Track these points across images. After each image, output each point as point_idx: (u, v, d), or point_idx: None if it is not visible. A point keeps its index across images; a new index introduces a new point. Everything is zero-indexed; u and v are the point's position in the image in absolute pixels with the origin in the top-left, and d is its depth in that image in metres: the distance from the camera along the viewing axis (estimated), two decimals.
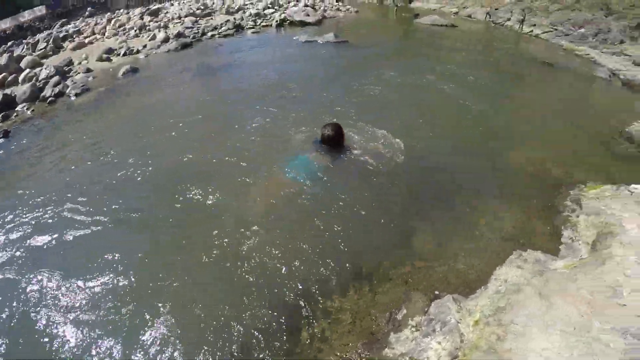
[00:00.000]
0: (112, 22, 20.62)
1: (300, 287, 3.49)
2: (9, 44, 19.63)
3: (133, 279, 3.77)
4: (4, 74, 12.42)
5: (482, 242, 3.90)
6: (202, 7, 22.71)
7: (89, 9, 29.40)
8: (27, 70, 12.82)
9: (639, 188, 4.10)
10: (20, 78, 12.28)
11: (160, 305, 3.46)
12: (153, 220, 4.68)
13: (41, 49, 16.66)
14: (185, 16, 20.39)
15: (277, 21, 19.53)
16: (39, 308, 3.60)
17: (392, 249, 3.90)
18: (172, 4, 26.02)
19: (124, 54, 14.66)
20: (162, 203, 4.95)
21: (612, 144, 6.36)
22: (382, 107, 7.26)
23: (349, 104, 7.46)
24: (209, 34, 17.06)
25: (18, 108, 10.24)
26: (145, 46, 15.38)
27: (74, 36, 19.13)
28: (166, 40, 15.75)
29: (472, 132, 6.54)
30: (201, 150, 6.15)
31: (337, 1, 36.75)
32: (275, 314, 3.26)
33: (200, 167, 5.72)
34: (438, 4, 47.76)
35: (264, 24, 19.50)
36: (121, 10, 25.45)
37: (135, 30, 18.24)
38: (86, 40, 17.32)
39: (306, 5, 24.77)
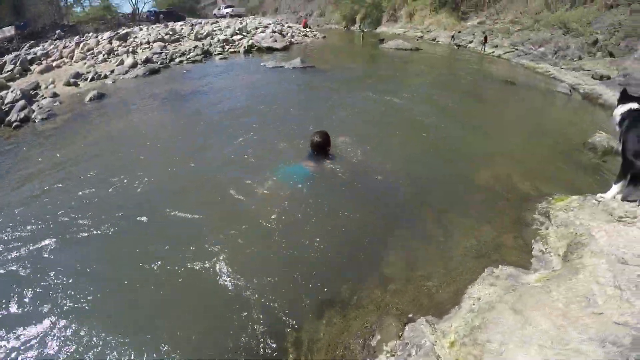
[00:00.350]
0: (81, 45, 20.38)
1: (268, 317, 3.34)
2: None
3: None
4: None
5: (453, 261, 3.85)
6: (170, 33, 22.87)
7: (57, 31, 29.22)
8: None
9: (605, 197, 4.15)
10: None
11: (106, 324, 3.25)
12: (112, 254, 4.44)
13: (8, 71, 16.38)
14: (154, 41, 20.44)
15: (245, 47, 19.88)
16: None
17: (364, 272, 3.80)
18: (141, 29, 26.06)
19: (92, 79, 14.49)
20: (129, 228, 4.71)
21: (576, 155, 6.50)
22: (349, 130, 7.26)
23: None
24: (177, 59, 17.15)
25: None
26: (113, 71, 15.30)
27: (42, 59, 18.77)
28: (134, 65, 15.69)
29: (440, 152, 6.61)
30: (170, 174, 5.95)
31: (304, 27, 37.59)
32: (242, 349, 3.09)
33: (173, 187, 5.57)
34: (403, 29, 49.14)
35: (232, 50, 19.82)
36: (90, 34, 25.24)
37: (104, 55, 18.16)
38: (54, 64, 17.05)
39: (274, 32, 25.26)
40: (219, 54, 18.68)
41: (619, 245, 3.09)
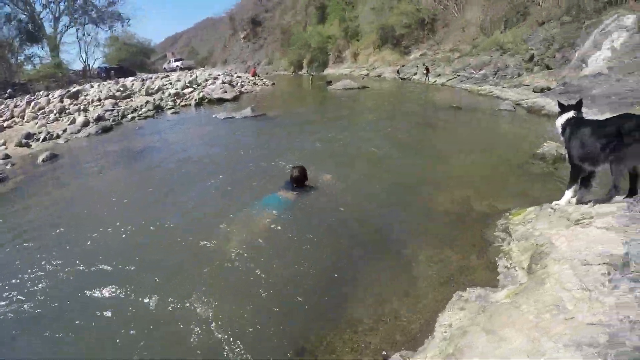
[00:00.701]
0: (32, 105, 19.73)
1: None
2: None
3: None
4: None
5: (421, 290, 3.76)
6: (121, 89, 22.70)
7: (9, 90, 28.46)
8: None
9: (560, 203, 4.24)
10: None
11: None
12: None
13: None
14: (105, 98, 20.20)
15: (196, 100, 20.06)
16: None
17: (333, 313, 3.65)
18: (92, 86, 25.80)
19: (44, 139, 14.02)
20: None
21: (528, 167, 6.65)
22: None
23: (274, 172, 7.40)
24: (129, 116, 17.01)
25: None
26: (65, 130, 14.91)
27: None
28: (86, 124, 15.37)
29: (399, 181, 6.66)
30: (130, 229, 5.64)
31: (253, 76, 38.19)
32: None
33: (133, 241, 5.29)
34: (349, 69, 50.59)
35: (183, 103, 19.93)
36: (41, 92, 24.67)
37: (55, 114, 17.63)
38: (5, 124, 16.35)
39: (224, 82, 25.53)
40: (170, 109, 18.66)
41: (580, 248, 3.09)
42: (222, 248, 4.76)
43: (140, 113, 17.62)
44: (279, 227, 5.14)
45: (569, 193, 4.21)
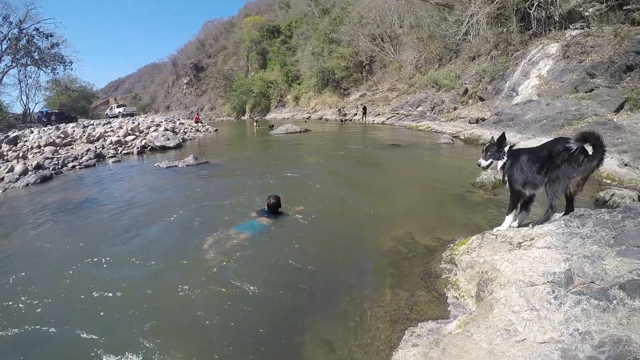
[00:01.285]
0: None
1: None
2: None
3: None
4: None
5: (372, 331, 3.66)
6: (62, 136, 21.82)
7: None
8: None
9: (501, 229, 4.35)
10: None
11: None
12: None
13: None
14: (45, 145, 19.29)
15: (138, 148, 19.56)
16: None
17: None
18: (32, 131, 24.65)
19: None
20: None
21: (469, 196, 6.82)
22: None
23: (216, 218, 7.21)
24: (70, 164, 16.18)
25: None
26: (2, 179, 13.89)
27: None
28: (25, 172, 14.41)
29: (344, 222, 6.63)
30: (72, 285, 5.22)
31: (196, 122, 37.96)
32: None
33: (80, 297, 4.84)
34: (291, 113, 51.40)
35: (125, 151, 19.34)
36: None
37: None
38: None
39: (166, 129, 25.14)
40: (112, 157, 17.92)
41: (524, 270, 3.14)
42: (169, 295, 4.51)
43: (81, 162, 16.85)
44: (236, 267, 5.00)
45: (509, 218, 4.35)
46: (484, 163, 4.42)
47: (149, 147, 20.20)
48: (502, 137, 4.43)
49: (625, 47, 14.66)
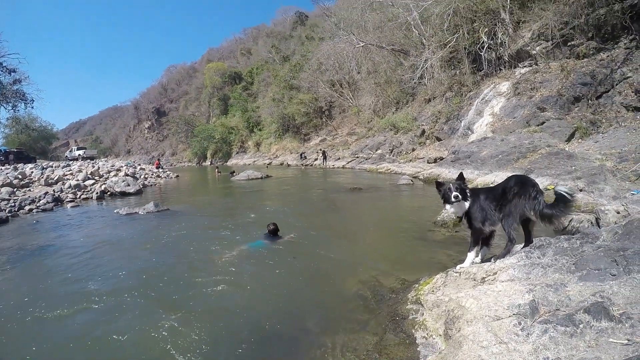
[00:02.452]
0: None
1: None
2: None
3: None
4: None
5: None
6: (20, 177, 20.80)
7: None
8: None
9: (464, 266, 4.36)
10: None
11: None
12: None
13: None
14: (2, 186, 18.32)
15: (97, 193, 19.08)
16: None
17: None
18: None
19: None
20: None
21: (431, 235, 6.88)
22: (201, 270, 6.90)
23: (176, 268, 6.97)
24: (27, 207, 15.37)
25: None
26: None
27: None
28: None
29: (307, 269, 6.44)
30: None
31: (157, 168, 37.35)
32: None
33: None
34: (252, 158, 51.57)
35: (84, 196, 18.83)
36: None
37: None
38: None
39: (127, 175, 24.64)
40: (70, 201, 17.26)
41: (489, 305, 3.13)
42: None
43: (38, 205, 16.19)
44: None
45: (471, 255, 4.39)
46: (454, 194, 4.46)
47: (109, 193, 19.66)
48: (461, 177, 4.54)
49: (572, 80, 15.65)
